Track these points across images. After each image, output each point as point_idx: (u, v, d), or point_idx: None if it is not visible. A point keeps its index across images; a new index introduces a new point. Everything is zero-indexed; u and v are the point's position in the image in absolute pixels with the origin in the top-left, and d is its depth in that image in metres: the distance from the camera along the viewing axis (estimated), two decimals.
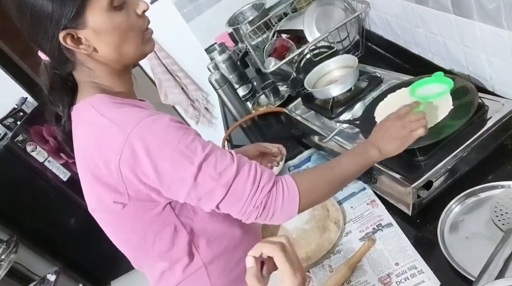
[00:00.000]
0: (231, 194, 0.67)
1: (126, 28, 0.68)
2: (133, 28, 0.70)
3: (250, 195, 0.67)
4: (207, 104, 2.93)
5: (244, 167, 0.68)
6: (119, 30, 0.68)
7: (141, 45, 0.72)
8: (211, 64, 1.73)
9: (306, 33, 1.38)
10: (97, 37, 0.67)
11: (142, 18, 0.71)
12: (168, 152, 0.65)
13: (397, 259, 0.75)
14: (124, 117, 0.67)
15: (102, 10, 0.65)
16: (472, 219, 0.71)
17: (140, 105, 0.75)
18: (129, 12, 0.69)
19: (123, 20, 0.67)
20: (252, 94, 1.68)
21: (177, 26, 2.49)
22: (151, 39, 0.75)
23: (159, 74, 2.72)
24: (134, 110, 0.69)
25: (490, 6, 0.71)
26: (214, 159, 0.66)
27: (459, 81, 0.83)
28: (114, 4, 0.66)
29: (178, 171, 0.65)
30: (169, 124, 0.67)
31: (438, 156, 0.75)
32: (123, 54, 0.71)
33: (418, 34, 1.07)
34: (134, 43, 0.71)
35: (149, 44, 0.75)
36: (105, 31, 0.67)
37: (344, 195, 0.97)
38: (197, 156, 0.65)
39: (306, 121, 1.11)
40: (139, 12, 0.70)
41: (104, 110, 0.69)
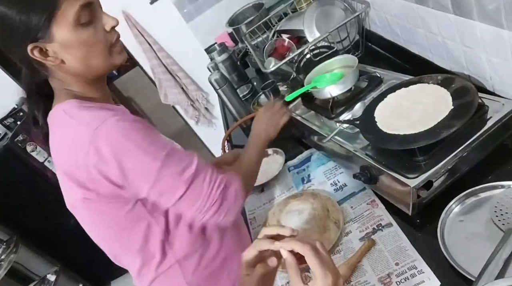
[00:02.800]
0: (191, 191, 0.73)
1: (92, 43, 0.71)
2: (100, 43, 0.72)
3: (207, 194, 0.74)
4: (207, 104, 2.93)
5: (202, 169, 0.75)
6: (85, 45, 0.70)
7: (109, 58, 0.74)
8: (211, 64, 1.73)
9: (306, 33, 1.38)
10: (64, 50, 0.70)
11: (111, 33, 0.73)
12: (132, 149, 0.69)
13: (397, 259, 0.75)
14: (90, 118, 0.70)
15: (68, 26, 0.67)
16: (472, 219, 0.71)
17: (111, 108, 0.76)
18: (97, 28, 0.71)
19: (89, 35, 0.70)
20: (252, 94, 1.68)
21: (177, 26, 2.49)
22: (121, 52, 0.77)
23: (159, 74, 2.72)
24: (101, 111, 0.72)
25: (490, 6, 0.71)
26: (176, 156, 0.72)
27: (459, 81, 0.83)
28: (80, 21, 0.68)
29: (142, 167, 0.70)
30: (133, 124, 0.70)
31: (438, 156, 0.74)
32: (91, 66, 0.74)
33: (418, 34, 1.07)
34: (101, 56, 0.73)
35: (119, 56, 0.76)
36: (71, 45, 0.69)
37: (344, 195, 0.97)
38: (160, 152, 0.70)
39: (306, 121, 1.11)
40: (107, 28, 0.72)
41: (72, 113, 0.72)
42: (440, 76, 0.87)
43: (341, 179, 1.02)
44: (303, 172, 1.14)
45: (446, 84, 0.84)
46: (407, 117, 0.83)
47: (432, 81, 0.87)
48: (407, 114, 0.84)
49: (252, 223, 1.08)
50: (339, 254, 0.85)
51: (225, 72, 1.63)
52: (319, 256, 0.54)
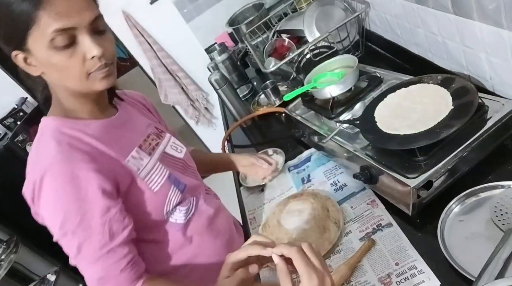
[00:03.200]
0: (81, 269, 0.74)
1: (63, 68, 0.69)
2: (73, 69, 0.69)
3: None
4: (207, 104, 2.93)
5: (118, 251, 0.73)
6: (55, 68, 0.69)
7: (86, 83, 0.72)
8: (211, 64, 1.73)
9: (306, 33, 1.38)
10: (41, 65, 0.70)
11: (92, 61, 0.70)
12: (51, 207, 0.71)
13: (397, 259, 0.75)
14: (42, 156, 0.72)
15: (42, 44, 0.66)
16: (472, 219, 0.71)
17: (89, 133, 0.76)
18: (75, 54, 0.68)
19: (61, 60, 0.67)
20: (252, 94, 1.68)
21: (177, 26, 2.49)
22: (103, 79, 0.73)
23: (159, 74, 2.72)
24: (56, 152, 0.71)
25: (490, 6, 0.71)
26: (84, 238, 0.71)
27: (459, 81, 0.83)
28: (55, 44, 0.66)
29: (51, 224, 0.73)
30: (67, 185, 0.70)
31: (438, 156, 0.74)
32: (68, 86, 0.73)
33: (418, 34, 1.07)
34: (76, 81, 0.71)
35: (99, 83, 0.73)
36: (43, 64, 0.69)
37: (344, 195, 0.97)
38: (71, 222, 0.70)
39: (306, 121, 1.11)
40: (88, 57, 0.69)
41: (40, 137, 0.75)
42: (440, 76, 0.87)
43: (341, 179, 1.02)
44: (303, 172, 1.14)
45: (446, 84, 0.84)
46: (407, 117, 0.83)
47: (432, 81, 0.87)
48: (407, 114, 0.84)
49: (252, 223, 1.08)
50: (339, 254, 0.85)
51: (225, 72, 1.63)
52: (305, 258, 0.55)
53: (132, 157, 0.82)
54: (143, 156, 0.84)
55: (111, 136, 0.80)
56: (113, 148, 0.78)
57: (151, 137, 0.91)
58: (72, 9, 0.66)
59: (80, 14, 0.67)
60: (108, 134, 0.80)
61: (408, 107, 0.85)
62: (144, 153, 0.85)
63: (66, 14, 0.65)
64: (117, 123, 0.84)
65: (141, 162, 0.83)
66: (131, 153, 0.82)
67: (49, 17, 0.64)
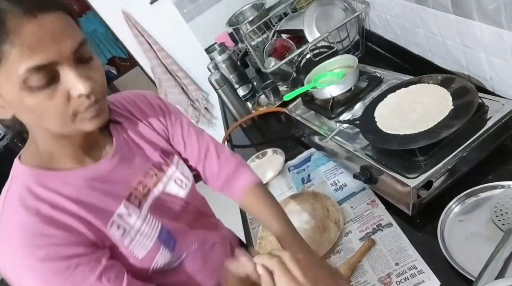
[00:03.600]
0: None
1: (40, 112, 0.55)
2: (53, 113, 0.55)
3: None
4: (207, 104, 2.93)
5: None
6: (29, 111, 0.55)
7: (71, 125, 0.58)
8: (211, 64, 1.73)
9: (306, 33, 1.38)
10: (11, 106, 0.56)
11: (78, 100, 0.56)
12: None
13: (397, 259, 0.75)
14: (6, 233, 0.59)
15: (12, 85, 0.52)
16: (472, 219, 0.71)
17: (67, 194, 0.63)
18: (56, 93, 0.54)
19: (38, 103, 0.53)
20: (252, 94, 1.68)
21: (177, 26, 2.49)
22: (93, 118, 0.59)
23: (159, 74, 2.72)
24: (24, 236, 0.57)
25: (490, 6, 0.71)
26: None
27: (459, 81, 0.83)
28: (29, 84, 0.51)
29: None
30: (40, 265, 0.57)
31: (438, 156, 0.74)
32: (48, 128, 0.59)
33: (418, 34, 1.07)
34: (56, 125, 0.58)
35: (88, 123, 0.59)
36: (13, 106, 0.55)
37: (344, 195, 0.97)
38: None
39: (306, 121, 1.11)
40: (73, 95, 0.55)
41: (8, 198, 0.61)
42: (440, 76, 0.87)
43: (341, 179, 1.02)
44: (303, 172, 1.14)
45: (446, 84, 0.84)
46: (407, 117, 0.83)
47: (432, 81, 0.87)
48: (407, 114, 0.84)
49: (252, 223, 1.08)
50: (339, 254, 0.85)
51: (225, 72, 1.63)
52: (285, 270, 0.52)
53: (118, 216, 0.67)
54: (131, 211, 0.70)
55: (94, 193, 0.66)
56: (95, 211, 0.64)
57: (150, 174, 0.76)
58: (49, 39, 0.51)
59: (59, 44, 0.52)
60: (91, 191, 0.66)
61: (408, 107, 0.86)
62: (133, 207, 0.70)
63: (41, 46, 0.50)
64: (107, 168, 0.69)
65: (128, 220, 0.68)
66: (118, 210, 0.68)
67: (19, 53, 0.49)
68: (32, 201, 0.60)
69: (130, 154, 0.75)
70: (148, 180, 0.76)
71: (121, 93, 0.84)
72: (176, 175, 0.81)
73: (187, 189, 0.82)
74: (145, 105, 0.82)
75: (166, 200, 0.78)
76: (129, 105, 0.80)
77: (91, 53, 0.59)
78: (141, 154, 0.77)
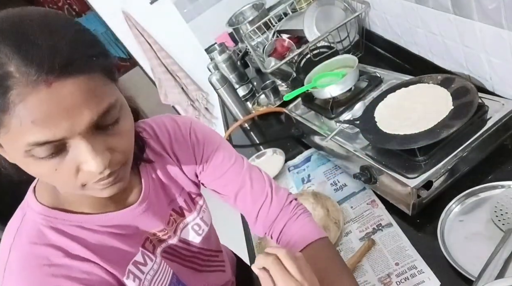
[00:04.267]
0: None
1: (46, 178, 0.50)
2: (61, 181, 0.49)
3: None
4: (207, 104, 2.93)
5: None
6: (38, 175, 0.50)
7: (81, 191, 0.51)
8: (211, 64, 1.73)
9: (306, 33, 1.38)
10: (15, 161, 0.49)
11: (87, 174, 0.48)
12: None
13: (397, 259, 0.75)
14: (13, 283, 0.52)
15: (15, 150, 0.44)
16: (472, 219, 0.71)
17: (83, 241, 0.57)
18: (62, 165, 0.46)
19: (42, 171, 0.46)
20: (252, 94, 1.68)
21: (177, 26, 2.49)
22: (112, 186, 0.51)
23: (159, 74, 2.72)
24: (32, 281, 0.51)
25: (490, 6, 0.71)
26: None
27: (459, 81, 0.83)
28: (33, 154, 0.44)
29: None
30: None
31: (438, 156, 0.74)
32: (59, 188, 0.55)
33: (418, 34, 1.07)
34: (65, 189, 0.54)
35: (102, 192, 0.51)
36: (18, 163, 0.48)
37: (344, 195, 0.97)
38: None
39: (306, 121, 1.11)
40: (83, 169, 0.47)
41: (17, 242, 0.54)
42: (440, 76, 0.87)
43: (341, 179, 1.02)
44: (303, 172, 1.13)
45: (446, 84, 0.84)
46: (407, 117, 0.83)
47: (432, 81, 0.87)
48: (407, 114, 0.84)
49: None
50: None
51: (225, 72, 1.63)
52: (281, 267, 0.51)
53: (134, 264, 0.62)
54: (147, 258, 0.64)
55: (113, 242, 0.60)
56: (113, 260, 0.59)
57: (171, 219, 0.70)
58: (60, 114, 0.42)
59: (73, 118, 0.43)
60: (110, 240, 0.59)
61: (408, 107, 0.85)
62: (148, 253, 0.65)
63: (48, 122, 0.41)
64: (131, 216, 0.63)
65: (143, 269, 0.63)
66: (134, 257, 0.62)
67: (21, 125, 0.41)
68: (43, 249, 0.54)
69: (157, 197, 0.68)
70: (169, 227, 0.70)
71: (156, 119, 0.74)
72: (195, 221, 0.75)
73: (203, 235, 0.77)
74: (178, 140, 0.72)
75: (180, 246, 0.73)
76: (163, 138, 0.71)
77: (119, 114, 0.48)
78: (166, 196, 0.70)
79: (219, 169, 0.75)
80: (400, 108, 0.87)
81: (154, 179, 0.68)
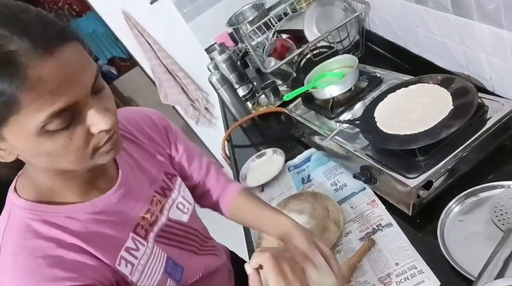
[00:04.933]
0: None
1: (60, 153, 0.51)
2: (74, 151, 0.52)
3: None
4: (207, 104, 2.93)
5: None
6: (49, 155, 0.51)
7: (87, 161, 0.55)
8: (211, 64, 1.73)
9: (306, 33, 1.38)
10: (20, 151, 0.52)
11: (98, 136, 0.53)
12: None
13: (397, 259, 0.75)
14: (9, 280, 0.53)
15: (26, 133, 0.47)
16: (472, 219, 0.71)
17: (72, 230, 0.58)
18: (74, 133, 0.50)
19: (58, 146, 0.49)
20: (252, 94, 1.68)
21: (177, 26, 2.49)
22: (111, 151, 0.56)
23: (159, 74, 2.72)
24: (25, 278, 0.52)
25: (490, 6, 0.71)
26: None
27: (459, 81, 0.83)
28: (48, 129, 0.47)
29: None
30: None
31: (438, 156, 0.75)
32: (61, 168, 0.55)
33: (418, 34, 1.07)
34: (73, 163, 0.54)
35: (105, 157, 0.56)
36: (29, 152, 0.51)
37: (344, 195, 0.97)
38: None
39: (306, 121, 1.11)
40: (94, 131, 0.52)
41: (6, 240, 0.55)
42: (440, 76, 0.87)
43: (341, 179, 1.02)
44: (303, 172, 1.14)
45: (446, 84, 0.84)
46: (407, 117, 0.83)
47: (432, 81, 0.87)
48: (407, 114, 0.84)
49: None
50: (339, 254, 0.85)
51: (225, 72, 1.62)
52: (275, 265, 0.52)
53: (125, 250, 0.64)
54: (138, 243, 0.67)
55: (101, 228, 0.62)
56: (102, 247, 0.60)
57: (155, 201, 0.74)
58: (70, 78, 0.47)
59: (80, 80, 0.48)
60: (98, 225, 0.61)
61: (408, 107, 0.86)
62: (140, 239, 0.67)
63: (63, 87, 0.46)
64: (113, 200, 0.65)
65: (135, 255, 0.66)
66: (125, 243, 0.65)
67: (38, 99, 0.44)
68: (35, 241, 0.55)
69: (136, 181, 0.71)
70: (154, 207, 0.73)
71: (124, 112, 0.78)
72: (178, 199, 0.79)
73: (189, 213, 0.81)
74: (150, 127, 0.79)
75: (170, 227, 0.76)
76: (134, 128, 0.77)
77: (103, 82, 0.54)
78: (146, 180, 0.74)
79: (187, 151, 0.86)
80: (400, 108, 0.87)
81: (130, 163, 0.72)
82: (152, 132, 0.79)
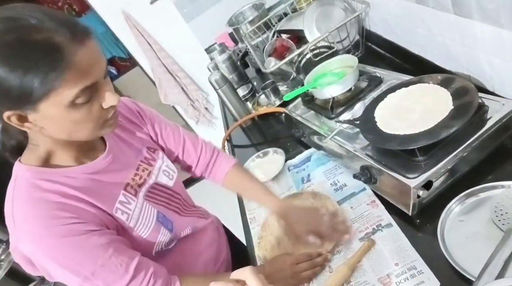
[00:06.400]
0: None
1: (82, 122, 0.65)
2: (91, 122, 0.66)
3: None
4: (207, 104, 2.93)
5: (139, 275, 0.73)
6: (73, 123, 0.65)
7: (97, 131, 0.69)
8: (211, 64, 1.73)
9: (306, 33, 1.38)
10: (47, 122, 0.64)
11: (108, 110, 0.68)
12: (56, 267, 0.68)
13: (397, 259, 0.75)
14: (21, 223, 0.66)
15: (60, 106, 0.60)
16: (472, 219, 0.71)
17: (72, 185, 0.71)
18: (92, 106, 0.65)
19: (81, 116, 0.64)
20: (252, 94, 1.68)
21: (177, 26, 2.49)
22: (113, 123, 0.71)
23: (159, 74, 2.72)
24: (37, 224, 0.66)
25: (490, 6, 0.71)
26: (105, 272, 0.69)
27: (459, 81, 0.83)
28: (77, 102, 0.62)
29: (66, 280, 0.70)
30: (57, 242, 0.66)
31: (438, 156, 0.74)
32: (74, 137, 0.69)
33: (418, 34, 1.07)
34: (89, 131, 0.68)
35: (109, 129, 0.71)
36: (57, 121, 0.64)
37: (344, 195, 0.97)
38: (85, 268, 0.68)
39: (306, 121, 1.11)
40: (105, 106, 0.66)
41: (15, 194, 0.68)
42: (440, 76, 0.87)
43: (341, 179, 1.02)
44: (303, 171, 1.13)
45: (446, 84, 0.84)
46: (407, 117, 0.83)
47: (432, 81, 0.87)
48: (407, 114, 0.84)
49: (252, 222, 1.08)
50: (339, 254, 0.85)
51: (225, 72, 1.63)
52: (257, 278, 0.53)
53: (120, 203, 0.77)
54: (129, 198, 0.80)
55: (96, 184, 0.75)
56: (100, 198, 0.73)
57: (142, 168, 0.86)
58: (94, 62, 0.62)
59: (99, 65, 0.64)
60: (93, 183, 0.74)
61: (408, 108, 0.85)
62: (130, 195, 0.80)
63: (90, 69, 0.61)
64: (103, 164, 0.78)
65: (128, 207, 0.78)
66: (118, 198, 0.78)
67: (75, 77, 0.59)
68: (40, 193, 0.67)
69: (122, 152, 0.84)
70: (141, 172, 0.86)
71: None
72: (163, 167, 0.92)
73: (174, 180, 0.94)
74: (126, 110, 0.92)
75: (158, 189, 0.89)
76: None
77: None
78: (131, 151, 0.87)
79: (164, 130, 0.97)
80: (400, 109, 0.87)
81: (114, 138, 0.85)
82: (128, 115, 0.92)
